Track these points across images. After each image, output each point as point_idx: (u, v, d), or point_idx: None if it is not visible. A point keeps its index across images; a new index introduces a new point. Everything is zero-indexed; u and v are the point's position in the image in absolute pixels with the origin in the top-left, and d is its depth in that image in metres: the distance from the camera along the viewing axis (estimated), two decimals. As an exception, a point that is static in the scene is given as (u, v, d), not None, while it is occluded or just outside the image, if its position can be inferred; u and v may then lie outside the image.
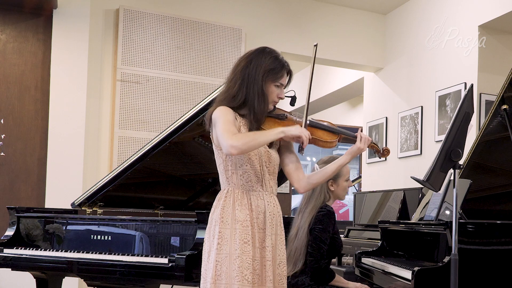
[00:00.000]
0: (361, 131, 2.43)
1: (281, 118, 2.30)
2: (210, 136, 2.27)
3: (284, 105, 2.42)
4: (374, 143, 2.40)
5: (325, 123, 2.35)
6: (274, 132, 2.14)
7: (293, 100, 2.32)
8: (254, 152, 2.19)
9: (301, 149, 2.22)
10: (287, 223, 3.58)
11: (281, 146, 2.36)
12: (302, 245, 2.81)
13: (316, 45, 2.32)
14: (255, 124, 2.21)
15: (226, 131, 2.10)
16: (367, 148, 2.36)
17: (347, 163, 2.32)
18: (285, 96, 2.32)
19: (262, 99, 2.20)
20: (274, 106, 2.31)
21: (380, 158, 2.47)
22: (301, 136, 2.15)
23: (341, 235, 5.52)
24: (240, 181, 2.20)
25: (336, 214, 2.95)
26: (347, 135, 2.35)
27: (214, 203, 2.25)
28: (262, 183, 2.23)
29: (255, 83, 2.19)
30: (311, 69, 2.33)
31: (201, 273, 2.23)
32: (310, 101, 2.33)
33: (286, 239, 2.96)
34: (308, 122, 2.29)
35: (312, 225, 2.82)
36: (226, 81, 2.28)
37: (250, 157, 2.19)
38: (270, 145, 2.29)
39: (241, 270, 2.10)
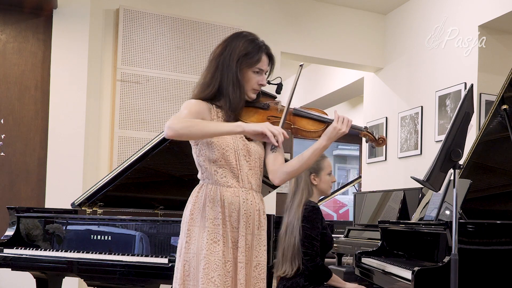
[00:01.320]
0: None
1: (263, 107, 2.13)
2: None
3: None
4: (368, 132, 2.19)
5: (312, 112, 2.13)
6: (231, 126, 1.94)
7: (279, 88, 2.16)
8: (229, 146, 2.04)
9: (274, 148, 2.02)
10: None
11: None
12: (295, 242, 2.78)
13: (301, 65, 2.19)
14: (232, 114, 2.05)
15: (176, 116, 1.96)
16: (363, 138, 2.16)
17: (324, 146, 2.05)
18: (271, 83, 2.16)
19: (238, 87, 2.03)
20: (258, 94, 2.14)
21: (374, 147, 2.32)
22: (266, 132, 1.90)
23: (341, 235, 5.56)
24: (214, 177, 2.06)
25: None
26: None
27: (188, 199, 2.13)
28: (238, 179, 2.06)
29: (229, 70, 2.03)
30: (293, 84, 2.14)
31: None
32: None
33: (276, 238, 2.95)
34: (292, 110, 2.11)
35: (301, 224, 2.78)
36: (203, 71, 2.13)
37: (224, 151, 2.04)
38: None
39: (206, 272, 1.96)
